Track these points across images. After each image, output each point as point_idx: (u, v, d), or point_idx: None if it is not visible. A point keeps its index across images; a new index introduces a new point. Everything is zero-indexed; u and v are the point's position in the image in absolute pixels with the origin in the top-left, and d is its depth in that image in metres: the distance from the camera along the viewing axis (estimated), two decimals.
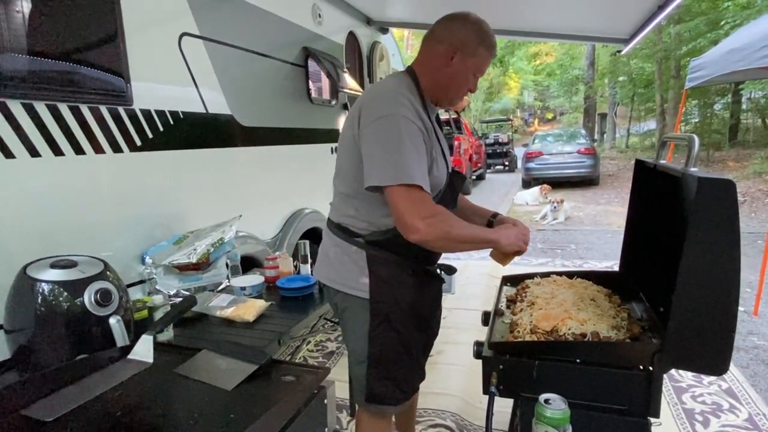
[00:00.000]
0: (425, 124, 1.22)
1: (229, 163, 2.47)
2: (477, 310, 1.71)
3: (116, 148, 1.81)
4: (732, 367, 2.57)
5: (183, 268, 1.93)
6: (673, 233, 1.15)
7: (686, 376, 2.53)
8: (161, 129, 2.01)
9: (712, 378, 2.49)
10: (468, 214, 1.53)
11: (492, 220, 1.51)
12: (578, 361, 1.19)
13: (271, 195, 2.86)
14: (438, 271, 1.47)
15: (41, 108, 1.54)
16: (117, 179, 1.83)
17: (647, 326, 1.30)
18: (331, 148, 3.51)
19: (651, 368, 1.13)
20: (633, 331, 1.25)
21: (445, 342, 2.95)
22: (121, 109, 1.82)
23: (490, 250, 1.32)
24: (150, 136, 1.95)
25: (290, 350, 2.93)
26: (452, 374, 2.60)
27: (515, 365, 1.22)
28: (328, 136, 3.47)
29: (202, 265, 1.97)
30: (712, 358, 1.06)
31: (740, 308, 3.35)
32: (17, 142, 1.48)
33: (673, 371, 2.53)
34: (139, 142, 1.90)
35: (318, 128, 3.37)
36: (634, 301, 1.49)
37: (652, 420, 1.16)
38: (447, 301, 3.61)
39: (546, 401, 1.05)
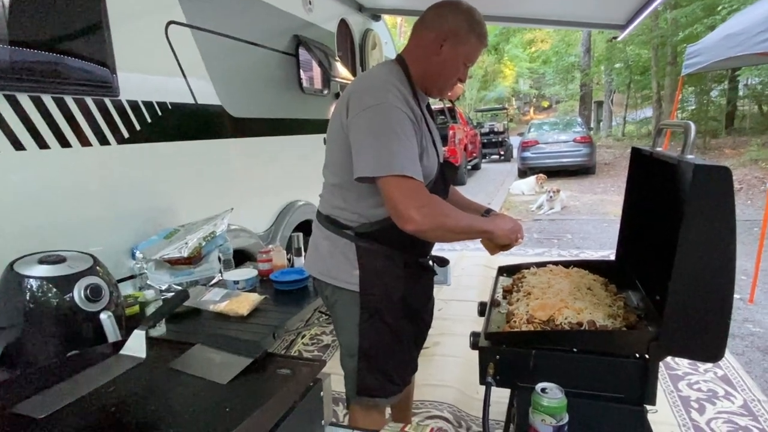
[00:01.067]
0: (415, 113, 1.22)
1: (220, 154, 2.45)
2: (473, 301, 1.72)
3: (103, 141, 1.79)
4: (727, 354, 2.61)
5: (174, 263, 1.93)
6: (669, 221, 1.16)
7: (682, 364, 2.57)
8: (149, 120, 1.99)
9: (708, 365, 2.53)
10: (461, 208, 1.53)
11: (485, 215, 1.51)
12: (575, 350, 1.21)
13: (263, 187, 2.85)
14: (430, 263, 1.47)
15: (25, 100, 1.52)
16: (104, 172, 1.81)
17: (643, 314, 1.32)
18: (324, 139, 3.49)
19: (647, 356, 1.15)
20: (629, 320, 1.27)
21: (441, 333, 2.97)
22: (107, 101, 1.80)
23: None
24: (138, 128, 1.94)
25: (285, 344, 2.94)
26: (449, 365, 2.62)
27: (512, 355, 1.24)
28: (320, 126, 3.45)
29: (194, 259, 1.97)
30: (708, 345, 1.07)
31: (736, 296, 3.40)
32: (0, 135, 1.46)
33: (668, 359, 2.58)
34: (126, 135, 1.89)
35: (310, 118, 3.35)
36: (631, 290, 1.50)
37: (648, 407, 1.18)
38: (443, 292, 3.64)
39: (543, 390, 1.07)
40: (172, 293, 1.83)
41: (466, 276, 4.25)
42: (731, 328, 1.13)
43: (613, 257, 1.74)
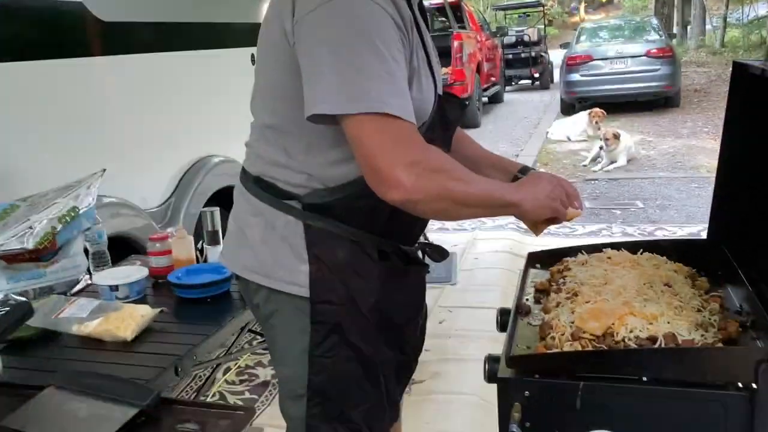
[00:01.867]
0: (402, 14, 1.20)
1: (83, 83, 2.43)
2: (491, 307, 1.74)
3: None
4: None
5: (12, 259, 1.92)
6: None
7: None
8: None
9: None
10: (481, 168, 1.51)
11: (520, 176, 1.51)
12: (645, 379, 1.23)
13: (154, 135, 2.84)
14: (420, 253, 1.48)
15: None
16: None
17: (749, 322, 1.35)
18: (252, 56, 3.44)
19: (754, 385, 1.18)
20: (728, 331, 1.29)
21: (443, 359, 3.00)
22: None
23: None
24: None
25: (197, 383, 2.94)
26: (453, 408, 2.67)
27: (548, 390, 1.25)
28: (247, 35, 3.39)
29: (45, 251, 1.95)
30: None
31: None
32: None
33: None
34: None
35: (229, 22, 3.33)
36: (730, 285, 1.53)
37: None
38: (445, 295, 3.67)
39: None
40: (9, 308, 1.81)
41: (481, 269, 4.30)
42: None
43: (704, 235, 1.77)
